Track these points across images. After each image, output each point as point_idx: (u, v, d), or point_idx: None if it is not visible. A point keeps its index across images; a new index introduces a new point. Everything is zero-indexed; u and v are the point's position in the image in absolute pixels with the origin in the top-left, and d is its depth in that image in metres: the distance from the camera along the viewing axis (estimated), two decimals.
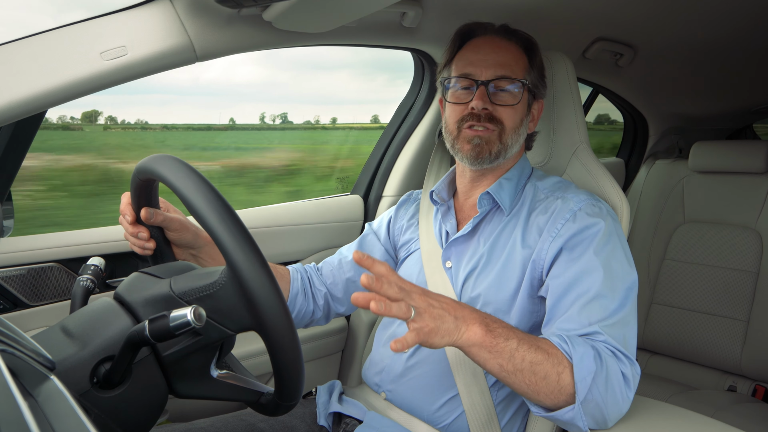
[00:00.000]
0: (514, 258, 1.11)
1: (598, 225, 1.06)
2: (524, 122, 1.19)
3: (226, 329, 0.79)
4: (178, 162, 0.80)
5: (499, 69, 1.14)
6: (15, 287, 1.22)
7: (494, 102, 1.14)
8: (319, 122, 4.42)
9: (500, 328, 0.93)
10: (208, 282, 0.79)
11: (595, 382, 0.92)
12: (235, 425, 1.16)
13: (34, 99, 0.95)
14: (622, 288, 1.02)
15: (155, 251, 1.05)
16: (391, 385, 1.21)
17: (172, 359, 0.79)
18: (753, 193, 2.11)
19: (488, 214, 1.19)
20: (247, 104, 4.21)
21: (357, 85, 7.45)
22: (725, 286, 2.11)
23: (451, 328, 0.88)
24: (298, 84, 6.19)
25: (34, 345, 0.62)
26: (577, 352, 0.92)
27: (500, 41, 1.18)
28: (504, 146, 1.15)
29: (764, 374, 2.01)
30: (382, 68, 8.65)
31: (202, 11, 1.08)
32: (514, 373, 0.91)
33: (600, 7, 1.53)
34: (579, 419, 0.92)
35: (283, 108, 7.36)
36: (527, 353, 0.91)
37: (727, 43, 1.80)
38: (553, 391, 0.92)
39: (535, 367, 0.91)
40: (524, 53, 1.19)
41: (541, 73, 1.22)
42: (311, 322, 1.35)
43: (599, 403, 0.92)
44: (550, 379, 0.92)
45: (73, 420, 0.51)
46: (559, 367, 0.92)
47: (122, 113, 3.24)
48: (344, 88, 7.18)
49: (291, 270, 1.33)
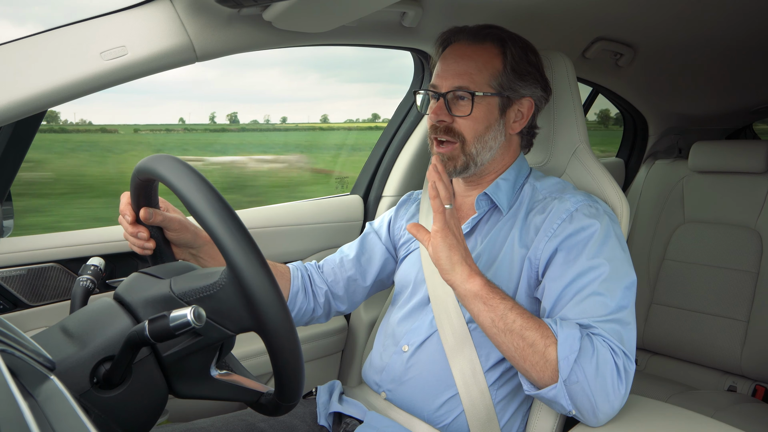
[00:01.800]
0: (511, 257, 1.12)
1: (594, 226, 1.06)
2: (494, 127, 1.16)
3: (226, 330, 0.79)
4: (178, 162, 0.80)
5: (457, 79, 1.14)
6: (15, 287, 1.22)
7: (454, 114, 1.15)
8: (269, 121, 4.41)
9: (499, 289, 1.01)
10: (208, 283, 0.79)
11: (581, 364, 0.93)
12: (236, 425, 1.16)
13: (34, 99, 0.95)
14: (620, 288, 1.02)
15: (155, 251, 1.05)
16: (391, 384, 1.21)
17: (172, 360, 0.79)
18: (753, 193, 2.11)
19: (486, 213, 1.20)
20: (170, 103, 4.18)
21: (287, 83, 7.45)
22: (725, 286, 2.11)
23: (456, 258, 0.98)
24: (226, 82, 6.18)
25: (34, 345, 0.62)
26: (564, 331, 0.96)
27: (467, 48, 1.16)
28: (470, 157, 1.15)
29: (764, 374, 2.01)
30: (313, 66, 8.63)
31: (202, 11, 1.07)
32: (504, 333, 0.97)
33: (600, 7, 1.53)
34: (562, 397, 0.94)
35: (208, 107, 7.18)
36: (519, 317, 0.97)
37: (727, 42, 1.80)
38: (539, 362, 0.95)
39: (524, 332, 0.96)
40: (499, 53, 1.16)
41: (518, 70, 1.17)
42: (311, 320, 1.35)
43: (585, 388, 0.93)
44: (537, 347, 0.95)
45: (73, 420, 0.50)
46: (547, 340, 0.96)
47: None
48: (274, 87, 7.15)
49: (291, 268, 1.33)
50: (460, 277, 0.99)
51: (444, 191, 0.99)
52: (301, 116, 6.46)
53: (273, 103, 9.07)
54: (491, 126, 1.16)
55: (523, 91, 1.18)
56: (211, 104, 8.85)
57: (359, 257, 1.37)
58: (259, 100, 7.46)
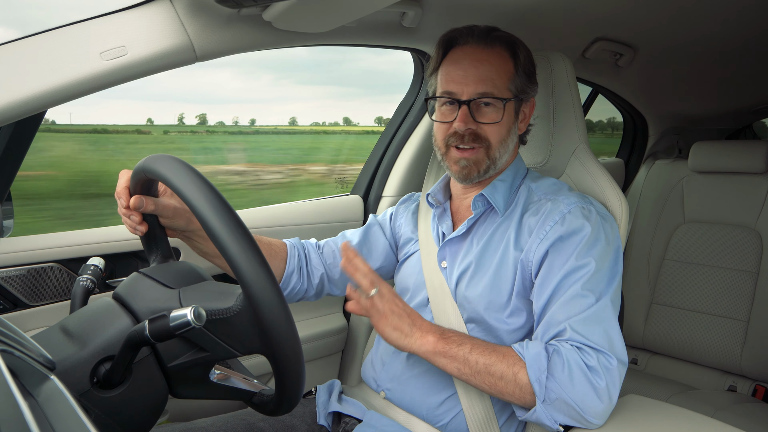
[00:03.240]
0: (507, 259, 1.12)
1: (585, 228, 1.06)
2: (512, 130, 1.18)
3: (234, 351, 0.79)
4: (190, 171, 0.78)
5: (480, 86, 1.12)
6: (15, 287, 1.22)
7: (478, 120, 1.13)
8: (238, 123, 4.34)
9: (455, 336, 1.04)
10: (222, 307, 0.78)
11: (555, 380, 0.94)
12: (235, 424, 1.16)
13: (34, 99, 0.95)
14: (603, 284, 1.03)
15: (149, 235, 1.04)
16: (389, 384, 1.21)
17: (175, 369, 0.79)
18: (753, 193, 2.11)
19: (482, 215, 1.20)
20: (112, 102, 4.05)
21: (239, 84, 7.29)
22: (725, 286, 2.11)
23: (405, 329, 1.03)
24: (172, 81, 5.93)
25: (34, 345, 0.62)
26: (530, 352, 0.98)
27: (481, 52, 1.14)
28: (492, 161, 1.16)
29: (764, 374, 2.01)
30: (265, 67, 8.54)
31: (201, 11, 1.07)
32: (473, 375, 1.00)
33: (600, 7, 1.53)
34: (545, 418, 0.96)
35: (149, 106, 6.91)
36: (480, 356, 1.00)
37: (727, 42, 1.80)
38: (515, 391, 0.98)
39: (489, 368, 0.99)
40: (510, 57, 1.16)
41: (528, 72, 1.18)
42: (302, 299, 1.35)
43: (567, 401, 0.94)
44: (507, 378, 0.98)
45: (74, 420, 0.50)
46: (515, 367, 0.98)
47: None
48: (225, 87, 6.95)
49: (288, 246, 1.31)
50: (416, 343, 1.03)
51: (364, 281, 1.04)
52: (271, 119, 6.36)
53: (222, 103, 8.94)
54: (511, 129, 1.17)
55: (532, 92, 1.20)
56: (156, 104, 8.59)
57: (361, 246, 1.37)
58: (209, 101, 7.35)
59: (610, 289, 1.03)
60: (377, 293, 1.03)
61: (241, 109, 6.81)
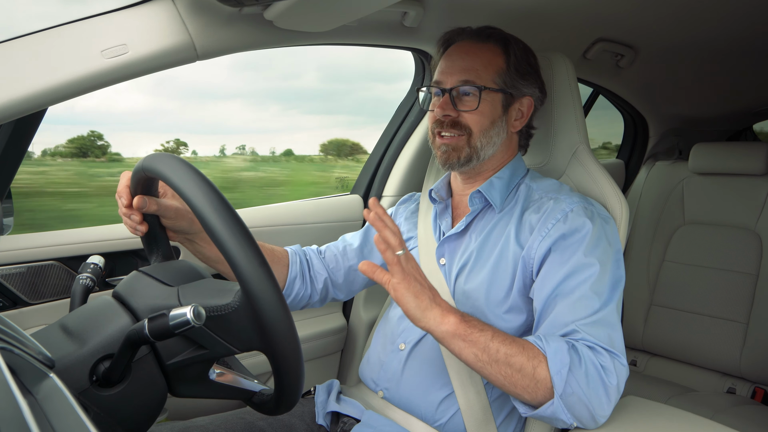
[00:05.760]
0: (506, 254, 1.12)
1: (587, 227, 1.06)
2: (498, 123, 1.18)
3: (232, 348, 0.79)
4: (188, 168, 0.78)
5: (463, 74, 1.16)
6: (15, 285, 1.22)
7: (459, 108, 1.16)
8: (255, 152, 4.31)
9: (475, 321, 0.97)
10: (220, 303, 0.78)
11: (573, 375, 0.93)
12: (234, 423, 1.16)
13: (35, 97, 0.95)
14: (607, 288, 1.02)
15: (149, 236, 1.04)
16: (388, 383, 1.21)
17: (173, 367, 0.79)
18: (753, 194, 2.11)
19: (481, 211, 1.21)
20: (128, 133, 4.18)
21: (249, 114, 7.44)
22: (725, 288, 2.11)
23: (425, 301, 0.94)
24: (188, 113, 6.15)
25: (33, 343, 0.62)
26: (551, 346, 0.95)
27: (472, 46, 1.19)
28: (474, 150, 1.17)
29: (763, 376, 2.01)
30: (275, 98, 8.66)
31: (203, 10, 1.07)
32: (490, 364, 0.94)
33: (601, 8, 1.53)
34: (561, 413, 0.93)
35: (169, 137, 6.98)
36: (501, 345, 0.95)
37: (728, 44, 1.80)
38: (530, 385, 0.94)
39: (510, 358, 0.94)
40: (501, 52, 1.19)
41: (521, 70, 1.19)
42: (307, 305, 1.35)
43: (581, 397, 0.93)
44: (526, 371, 0.94)
45: (73, 418, 0.50)
46: (534, 360, 0.94)
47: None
48: (236, 117, 7.08)
49: (290, 253, 1.33)
50: (434, 322, 0.94)
51: (393, 238, 0.93)
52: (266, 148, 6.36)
53: (231, 134, 9.00)
54: (495, 122, 1.18)
55: (525, 89, 1.20)
56: (170, 135, 8.63)
57: (362, 248, 1.38)
58: (219, 131, 7.39)
59: (615, 295, 1.03)
60: (404, 255, 0.94)
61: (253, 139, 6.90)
